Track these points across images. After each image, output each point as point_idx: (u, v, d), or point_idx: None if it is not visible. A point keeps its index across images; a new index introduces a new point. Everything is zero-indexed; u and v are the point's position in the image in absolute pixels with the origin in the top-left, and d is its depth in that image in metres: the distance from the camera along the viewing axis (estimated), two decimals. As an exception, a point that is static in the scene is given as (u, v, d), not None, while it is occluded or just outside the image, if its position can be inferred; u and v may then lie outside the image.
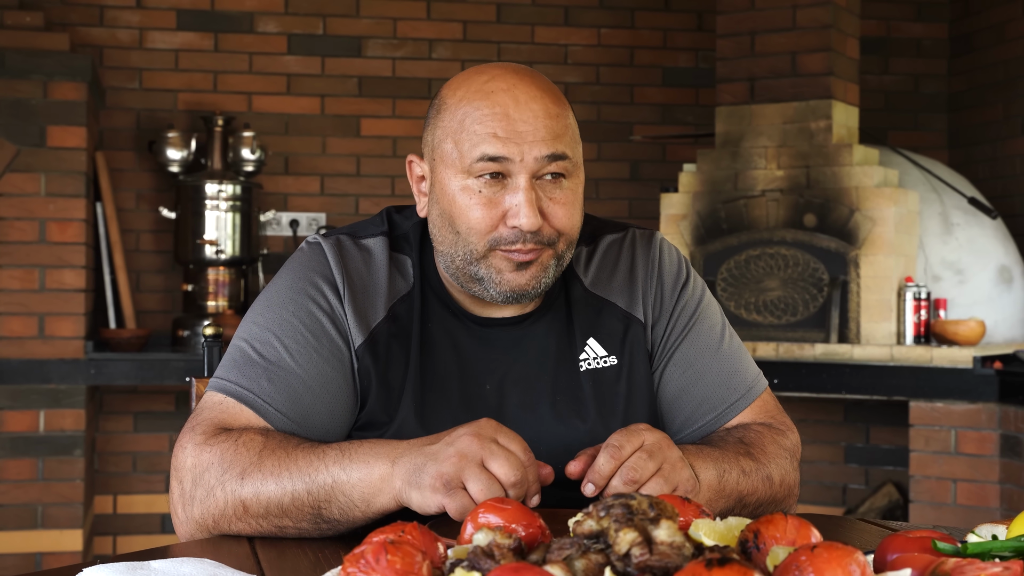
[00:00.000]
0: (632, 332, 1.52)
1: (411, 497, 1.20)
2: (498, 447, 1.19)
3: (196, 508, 1.31)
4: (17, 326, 4.09)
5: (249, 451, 1.30)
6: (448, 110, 1.44)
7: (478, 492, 1.16)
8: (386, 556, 0.87)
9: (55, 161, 4.12)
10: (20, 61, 4.08)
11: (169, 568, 1.09)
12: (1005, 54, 5.06)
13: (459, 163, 1.40)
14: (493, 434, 1.20)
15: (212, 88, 4.84)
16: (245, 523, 1.29)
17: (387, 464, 1.23)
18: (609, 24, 5.20)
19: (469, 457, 1.17)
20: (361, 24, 4.99)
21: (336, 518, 1.26)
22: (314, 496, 1.25)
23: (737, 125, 4.55)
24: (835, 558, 0.83)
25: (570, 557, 0.88)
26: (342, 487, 1.24)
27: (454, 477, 1.17)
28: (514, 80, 1.43)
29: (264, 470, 1.28)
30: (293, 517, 1.27)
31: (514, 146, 1.38)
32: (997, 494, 3.88)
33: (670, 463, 1.27)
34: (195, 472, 1.31)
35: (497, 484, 1.16)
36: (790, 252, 4.36)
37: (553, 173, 1.40)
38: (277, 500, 1.27)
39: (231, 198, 4.49)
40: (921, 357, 4.01)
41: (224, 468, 1.30)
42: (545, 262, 1.42)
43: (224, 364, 1.43)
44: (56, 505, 4.08)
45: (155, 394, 4.68)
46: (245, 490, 1.28)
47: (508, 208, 1.39)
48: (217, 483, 1.29)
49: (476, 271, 1.42)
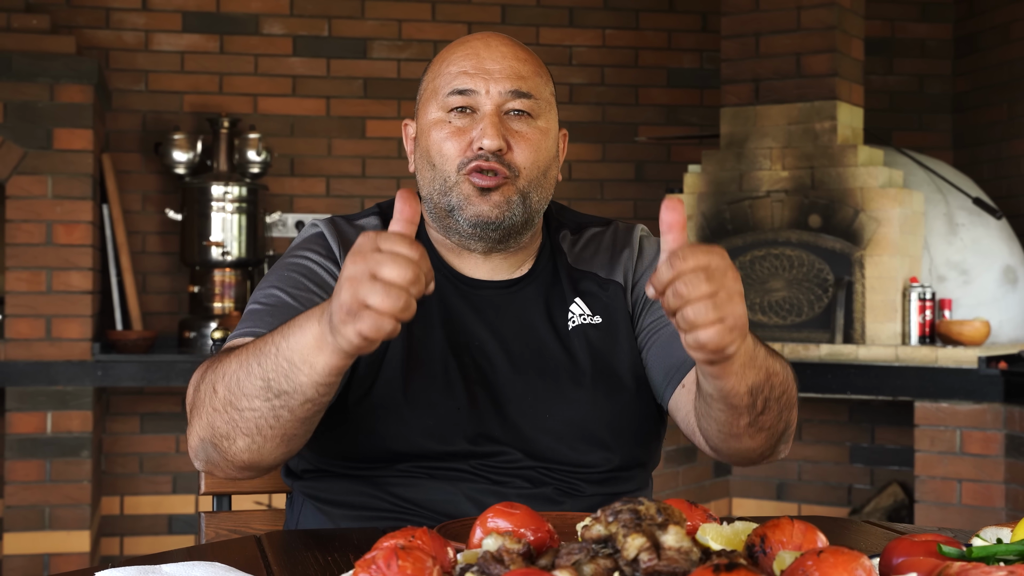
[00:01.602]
0: (612, 293, 1.61)
1: (337, 342, 1.18)
2: (382, 254, 1.13)
3: (195, 416, 1.36)
4: (24, 328, 4.10)
5: (229, 354, 1.35)
6: (432, 65, 1.60)
7: (379, 303, 1.11)
8: (397, 561, 0.87)
9: (61, 163, 4.13)
10: (27, 64, 4.09)
11: (180, 572, 1.09)
12: (1010, 54, 5.06)
13: (435, 102, 1.55)
14: (372, 245, 1.14)
15: (218, 90, 4.85)
16: (218, 415, 1.32)
17: (316, 323, 1.22)
18: (613, 25, 5.20)
19: (358, 276, 1.13)
20: (366, 26, 5.00)
21: (285, 388, 1.26)
22: (264, 368, 1.27)
23: (742, 126, 4.55)
24: (841, 563, 0.84)
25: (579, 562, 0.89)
26: (284, 353, 1.25)
27: (353, 301, 1.13)
28: (492, 35, 1.59)
29: (231, 357, 1.33)
30: (248, 394, 1.28)
31: (481, 81, 1.52)
32: (1002, 494, 3.88)
33: (726, 291, 1.14)
34: (195, 385, 1.38)
35: (395, 287, 1.11)
36: (795, 253, 4.36)
37: (518, 110, 1.53)
38: (236, 379, 1.29)
39: (237, 200, 4.50)
40: (926, 357, 4.02)
41: (214, 369, 1.35)
42: (508, 194, 1.51)
43: (238, 325, 1.51)
44: (63, 506, 4.09)
45: (162, 395, 4.69)
46: (218, 379, 1.32)
47: (475, 135, 1.51)
48: (208, 383, 1.34)
49: (448, 201, 1.53)
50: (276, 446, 1.32)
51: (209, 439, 1.34)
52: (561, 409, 1.52)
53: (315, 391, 1.25)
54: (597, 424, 1.53)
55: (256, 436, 1.31)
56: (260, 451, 1.32)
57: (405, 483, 1.49)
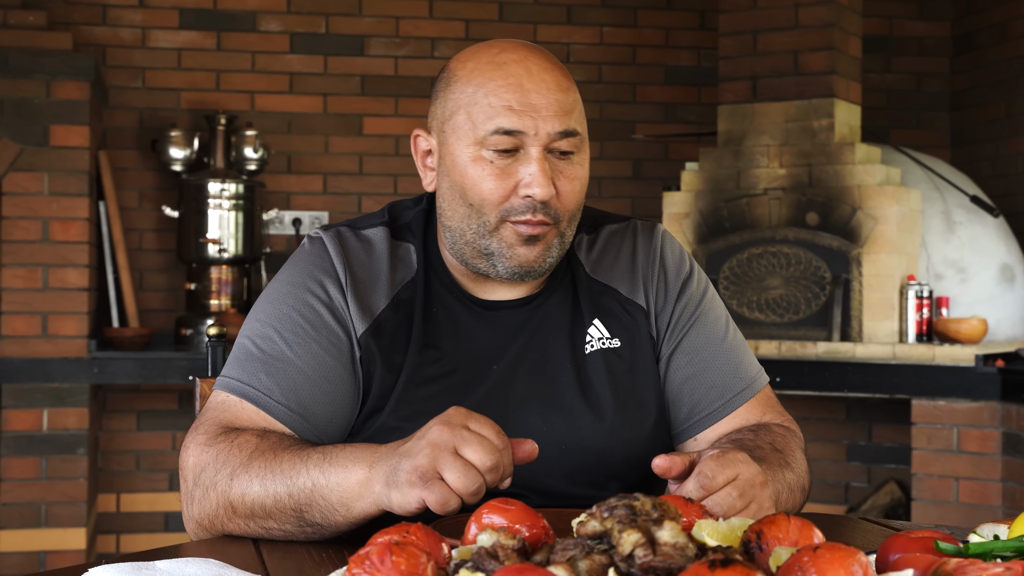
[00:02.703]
0: (634, 317, 1.53)
1: (391, 498, 1.17)
2: (470, 433, 1.15)
3: (195, 507, 1.33)
4: (20, 325, 4.09)
5: (241, 452, 1.31)
6: (459, 82, 1.43)
7: (455, 480, 1.13)
8: (391, 557, 0.87)
9: (58, 160, 4.12)
10: (23, 60, 4.08)
11: (174, 568, 1.09)
12: (1007, 52, 5.06)
13: (471, 134, 1.41)
14: (464, 421, 1.17)
15: (215, 87, 4.85)
16: (234, 524, 1.30)
17: (365, 468, 1.21)
18: (611, 23, 5.20)
19: (442, 446, 1.14)
20: (363, 23, 4.99)
21: (318, 522, 1.25)
22: (295, 499, 1.25)
23: (739, 124, 4.55)
24: (837, 559, 0.83)
25: (574, 558, 0.88)
26: (321, 491, 1.23)
27: (429, 469, 1.14)
28: (525, 52, 1.44)
29: (251, 471, 1.28)
30: (277, 519, 1.27)
31: (529, 119, 1.39)
32: (999, 492, 3.88)
33: (758, 503, 1.22)
34: (195, 472, 1.33)
35: (474, 470, 1.13)
36: (792, 251, 4.36)
37: (563, 150, 1.42)
38: (260, 502, 1.27)
39: (234, 197, 4.50)
40: (923, 355, 4.02)
41: (217, 468, 1.31)
42: (550, 240, 1.43)
43: (228, 362, 1.45)
44: (60, 504, 4.08)
45: (158, 393, 4.69)
46: (233, 491, 1.29)
47: (521, 179, 1.40)
48: (211, 483, 1.31)
49: (487, 245, 1.43)
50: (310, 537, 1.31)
51: (216, 532, 1.33)
52: (576, 443, 1.46)
53: (348, 527, 1.25)
54: (613, 458, 1.48)
55: (281, 539, 1.30)
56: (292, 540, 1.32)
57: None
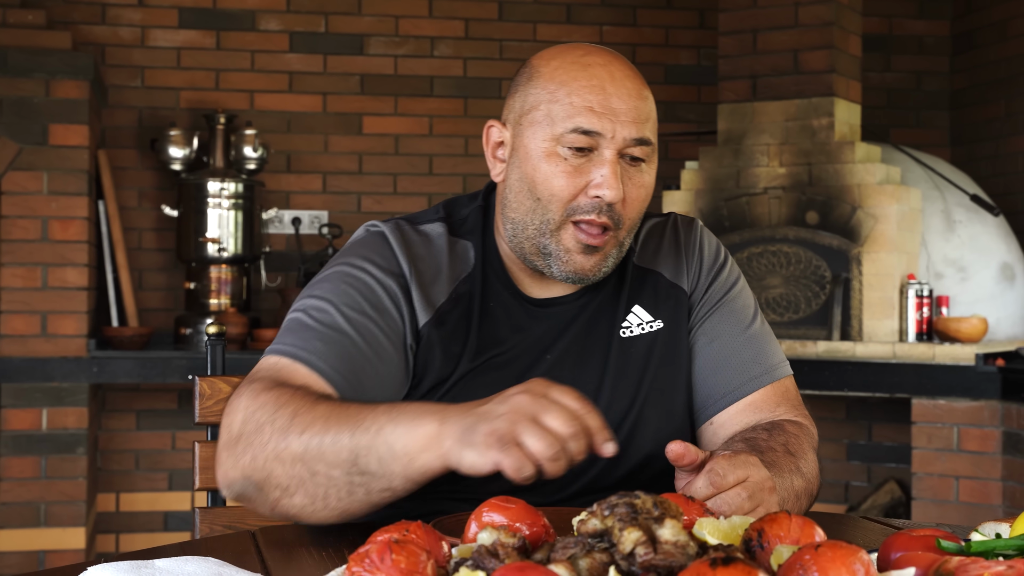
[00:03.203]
0: (677, 299, 1.57)
1: (463, 456, 1.14)
2: (550, 402, 1.13)
3: (242, 448, 1.29)
4: (20, 324, 4.09)
5: (305, 398, 1.29)
6: (542, 78, 1.46)
7: (534, 445, 1.09)
8: (391, 555, 0.87)
9: (57, 159, 4.12)
10: (22, 59, 4.08)
11: (173, 567, 1.09)
12: (1007, 51, 5.05)
13: (549, 130, 1.44)
14: (545, 390, 1.14)
15: (214, 86, 4.84)
16: (282, 467, 1.25)
17: (436, 423, 1.17)
18: (611, 22, 5.19)
19: (523, 413, 1.11)
20: (363, 22, 4.99)
21: (372, 470, 1.21)
22: (355, 441, 1.21)
23: (739, 123, 4.55)
24: (839, 557, 0.83)
25: (574, 556, 0.88)
26: (386, 436, 1.19)
27: (508, 433, 1.10)
28: (609, 58, 1.47)
29: (315, 413, 1.26)
30: (328, 461, 1.22)
31: (608, 122, 1.42)
32: (999, 491, 3.88)
33: (765, 507, 1.24)
34: (248, 412, 1.30)
35: (552, 437, 1.10)
36: (792, 250, 4.36)
37: (634, 157, 1.45)
38: (318, 440, 1.23)
39: (233, 196, 4.49)
40: (923, 354, 4.01)
41: (277, 407, 1.28)
42: (609, 250, 1.46)
43: (280, 334, 1.44)
44: (59, 503, 4.08)
45: (157, 392, 4.68)
46: (292, 428, 1.25)
47: (592, 179, 1.43)
48: (268, 421, 1.27)
49: (546, 244, 1.46)
50: (330, 515, 1.26)
51: (257, 481, 1.28)
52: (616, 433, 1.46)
53: (402, 484, 1.21)
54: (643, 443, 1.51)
55: (319, 501, 1.25)
56: (312, 514, 1.27)
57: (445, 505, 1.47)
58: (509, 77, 5.07)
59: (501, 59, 5.09)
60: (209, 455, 1.73)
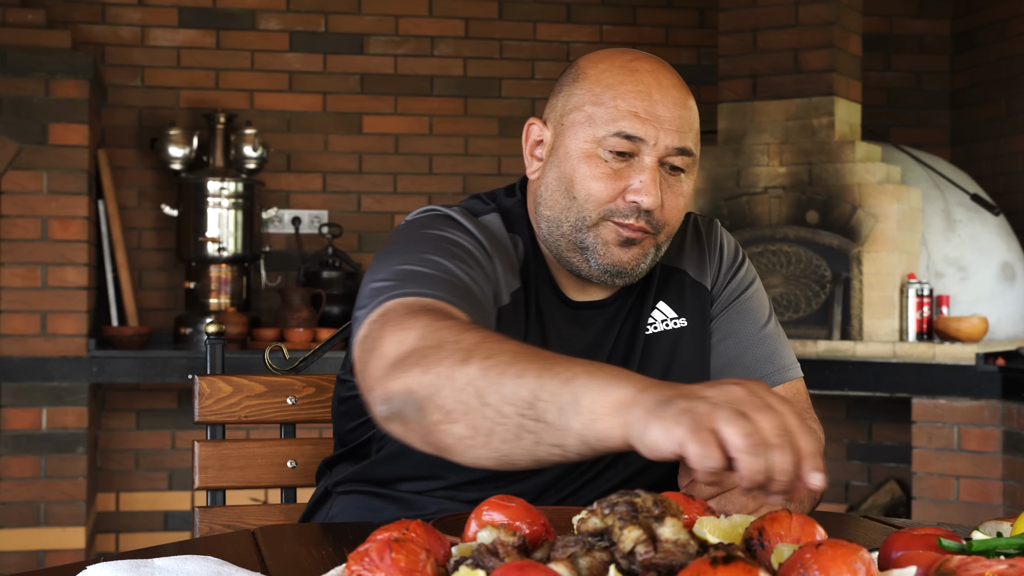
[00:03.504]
0: (700, 298, 1.58)
1: (648, 429, 0.96)
2: (767, 404, 0.96)
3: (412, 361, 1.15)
4: (19, 324, 4.09)
5: (495, 333, 1.18)
6: (588, 79, 1.46)
7: (732, 435, 0.92)
8: (390, 554, 0.86)
9: (57, 159, 4.11)
10: (22, 59, 4.08)
11: (173, 565, 1.08)
12: (1007, 50, 5.05)
13: (591, 132, 1.43)
14: (765, 392, 0.98)
15: (214, 85, 4.84)
16: (452, 386, 1.10)
17: (633, 389, 1.00)
18: (611, 21, 5.19)
19: (732, 401, 0.95)
20: (363, 21, 4.99)
21: (549, 419, 1.04)
22: (542, 382, 1.05)
23: (739, 122, 4.54)
24: (840, 555, 0.83)
25: (574, 555, 0.88)
26: (575, 386, 1.03)
27: (706, 415, 0.93)
28: (657, 65, 1.47)
29: (504, 344, 1.13)
30: (505, 394, 1.06)
31: (651, 128, 1.42)
32: (1000, 491, 3.87)
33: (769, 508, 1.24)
34: (428, 330, 1.18)
35: (758, 435, 0.92)
36: (792, 249, 4.35)
37: (675, 166, 1.45)
38: (501, 369, 1.08)
39: (233, 195, 4.49)
40: (924, 354, 4.01)
41: (464, 330, 1.16)
42: (647, 247, 1.46)
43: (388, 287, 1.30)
44: (59, 503, 4.07)
45: (157, 392, 4.68)
46: (478, 351, 1.11)
47: (630, 184, 1.43)
48: (452, 339, 1.15)
49: (583, 239, 1.45)
50: (487, 455, 1.10)
51: (420, 399, 1.13)
52: None
53: (575, 445, 1.03)
54: None
55: (480, 436, 1.09)
56: (469, 449, 1.11)
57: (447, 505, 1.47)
58: (509, 76, 5.07)
59: (501, 58, 5.08)
60: (209, 454, 1.73)
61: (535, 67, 5.10)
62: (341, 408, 1.58)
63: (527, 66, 5.10)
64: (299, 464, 1.77)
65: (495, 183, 5.02)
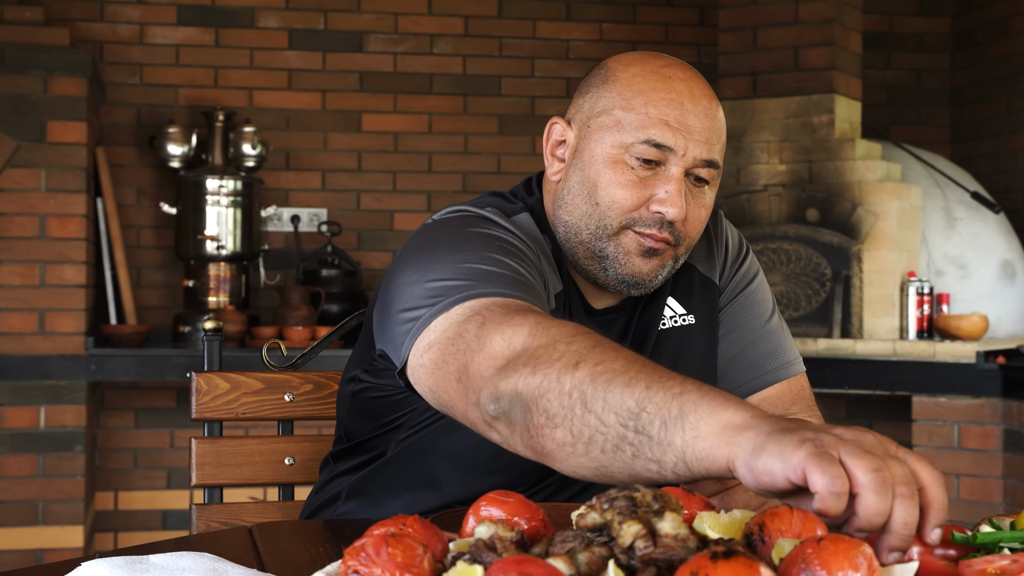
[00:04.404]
0: (709, 293, 1.57)
1: (762, 452, 0.90)
2: (894, 453, 0.90)
3: (524, 361, 1.12)
4: (17, 322, 4.08)
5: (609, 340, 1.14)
6: (618, 83, 1.43)
7: (861, 467, 0.85)
8: (387, 549, 0.85)
9: (55, 156, 4.10)
10: (20, 56, 4.07)
11: (168, 562, 1.07)
12: (1008, 49, 5.04)
13: (619, 137, 1.41)
14: (893, 445, 0.92)
15: (213, 83, 4.83)
16: (559, 389, 1.08)
17: (746, 415, 0.96)
18: (611, 19, 5.18)
19: (860, 442, 0.89)
20: (362, 19, 4.98)
21: (651, 432, 1.00)
22: (651, 393, 1.01)
23: (739, 120, 4.53)
24: (842, 550, 0.82)
25: (573, 550, 0.87)
26: (683, 402, 0.99)
27: (831, 444, 0.87)
28: (690, 73, 1.44)
29: (619, 352, 1.10)
30: (610, 402, 1.03)
31: (681, 139, 1.39)
32: (1000, 489, 3.87)
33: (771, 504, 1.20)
34: (541, 328, 1.14)
35: (888, 473, 0.86)
36: (792, 247, 4.35)
37: (700, 177, 1.43)
38: (610, 376, 1.05)
39: (232, 194, 4.48)
40: (924, 352, 4.00)
41: (578, 333, 1.13)
42: (666, 259, 1.44)
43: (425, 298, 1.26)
44: (57, 501, 4.07)
45: (156, 390, 4.67)
46: (590, 356, 1.08)
47: (655, 194, 1.40)
48: (565, 340, 1.11)
49: (603, 247, 1.43)
50: (586, 465, 1.07)
51: (527, 400, 1.10)
52: None
53: (673, 462, 0.99)
54: None
55: (580, 444, 1.06)
56: (569, 456, 1.08)
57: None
58: (509, 74, 5.06)
59: (501, 56, 5.07)
60: (206, 451, 1.72)
61: (535, 65, 5.09)
62: (355, 406, 1.54)
63: (527, 64, 5.09)
64: (297, 461, 1.76)
65: (494, 181, 5.01)
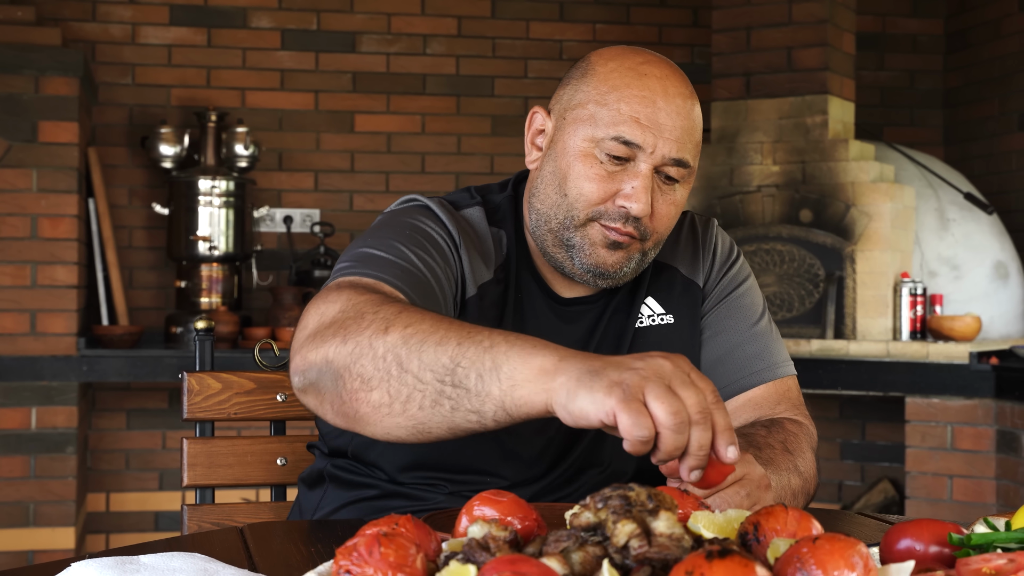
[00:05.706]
0: (690, 295, 1.58)
1: (577, 398, 0.99)
2: (690, 380, 1.00)
3: (332, 331, 1.17)
4: (9, 323, 4.06)
5: (413, 306, 1.21)
6: (596, 76, 1.45)
7: (661, 410, 0.95)
8: (379, 548, 0.85)
9: (47, 157, 4.09)
10: (11, 56, 4.05)
11: (159, 562, 1.07)
12: (1001, 50, 5.05)
13: (591, 131, 1.42)
14: (688, 368, 1.01)
15: (205, 83, 4.82)
16: (371, 353, 1.12)
17: (554, 357, 1.03)
18: (604, 19, 5.18)
19: (660, 375, 0.98)
20: (355, 19, 4.97)
21: (468, 384, 1.06)
22: (462, 349, 1.07)
23: (733, 120, 4.53)
24: (837, 549, 0.81)
25: (567, 549, 0.86)
26: (495, 355, 1.05)
27: (637, 387, 0.97)
28: (668, 71, 1.45)
29: (424, 315, 1.15)
30: (425, 360, 1.09)
31: (651, 136, 1.40)
32: (993, 490, 3.87)
33: (762, 505, 1.22)
34: (351, 303, 1.20)
35: (684, 410, 0.96)
36: (786, 248, 4.34)
37: (669, 176, 1.44)
38: (421, 336, 1.10)
39: (224, 194, 4.47)
40: (917, 353, 4.00)
41: (384, 302, 1.19)
42: (632, 252, 1.45)
43: (345, 267, 1.35)
44: (48, 503, 4.05)
45: (148, 391, 4.66)
46: (398, 320, 1.13)
47: (622, 189, 1.42)
48: (372, 311, 1.17)
49: (570, 237, 1.45)
50: (404, 424, 1.11)
51: (338, 367, 1.14)
52: None
53: (493, 411, 1.05)
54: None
55: (398, 403, 1.10)
56: (385, 417, 1.11)
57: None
58: (502, 75, 5.05)
59: (494, 57, 5.07)
60: (198, 451, 1.71)
61: (528, 65, 5.09)
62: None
63: (520, 64, 5.09)
64: (289, 462, 1.75)
65: (487, 182, 5.00)
